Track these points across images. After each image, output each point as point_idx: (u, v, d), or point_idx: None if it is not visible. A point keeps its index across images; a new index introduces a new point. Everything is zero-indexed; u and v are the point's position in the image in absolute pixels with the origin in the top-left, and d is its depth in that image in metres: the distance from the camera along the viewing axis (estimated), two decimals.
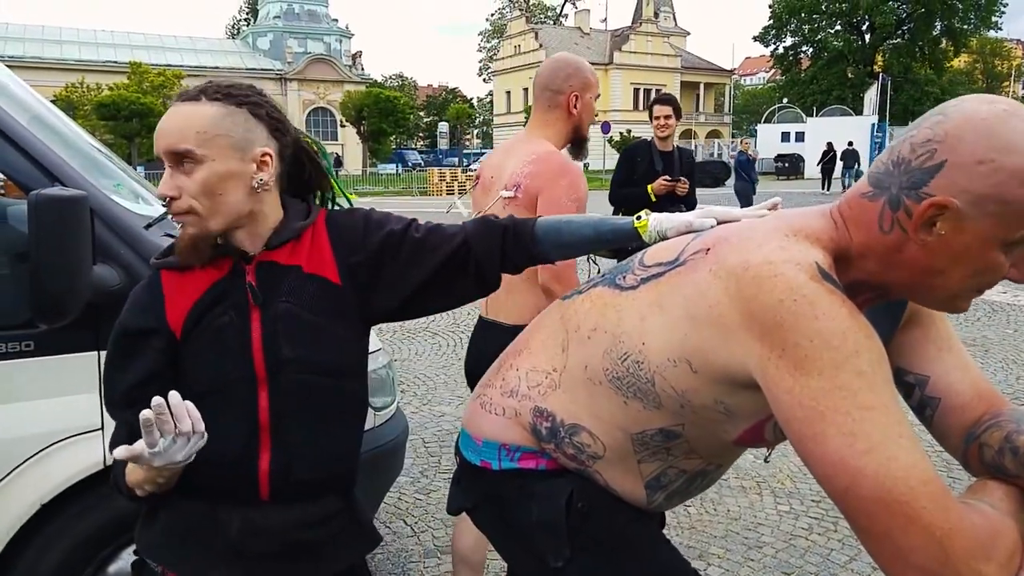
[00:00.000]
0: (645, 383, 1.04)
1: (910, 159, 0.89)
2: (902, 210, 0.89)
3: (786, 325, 0.86)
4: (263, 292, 1.17)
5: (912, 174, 0.88)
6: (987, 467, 1.01)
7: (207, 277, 1.17)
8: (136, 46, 44.66)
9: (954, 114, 0.88)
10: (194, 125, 1.11)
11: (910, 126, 0.93)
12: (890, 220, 0.91)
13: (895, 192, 0.90)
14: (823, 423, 0.83)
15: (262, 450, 1.17)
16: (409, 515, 3.14)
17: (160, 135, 1.12)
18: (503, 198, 2.07)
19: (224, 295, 1.16)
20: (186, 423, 1.03)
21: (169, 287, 1.18)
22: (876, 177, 0.93)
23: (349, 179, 31.37)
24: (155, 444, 1.02)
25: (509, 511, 1.21)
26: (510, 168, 2.10)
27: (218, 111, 1.12)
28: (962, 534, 0.80)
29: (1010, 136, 0.83)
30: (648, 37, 52.61)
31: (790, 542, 2.91)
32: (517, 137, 2.28)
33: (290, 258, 1.19)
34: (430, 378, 5.00)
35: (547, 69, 2.15)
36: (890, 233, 0.91)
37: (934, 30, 48.13)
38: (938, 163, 0.86)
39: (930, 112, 0.92)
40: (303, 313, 1.17)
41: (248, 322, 1.16)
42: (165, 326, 1.16)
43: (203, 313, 1.16)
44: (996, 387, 1.13)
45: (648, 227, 1.22)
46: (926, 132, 0.89)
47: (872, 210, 0.93)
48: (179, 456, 1.05)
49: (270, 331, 1.16)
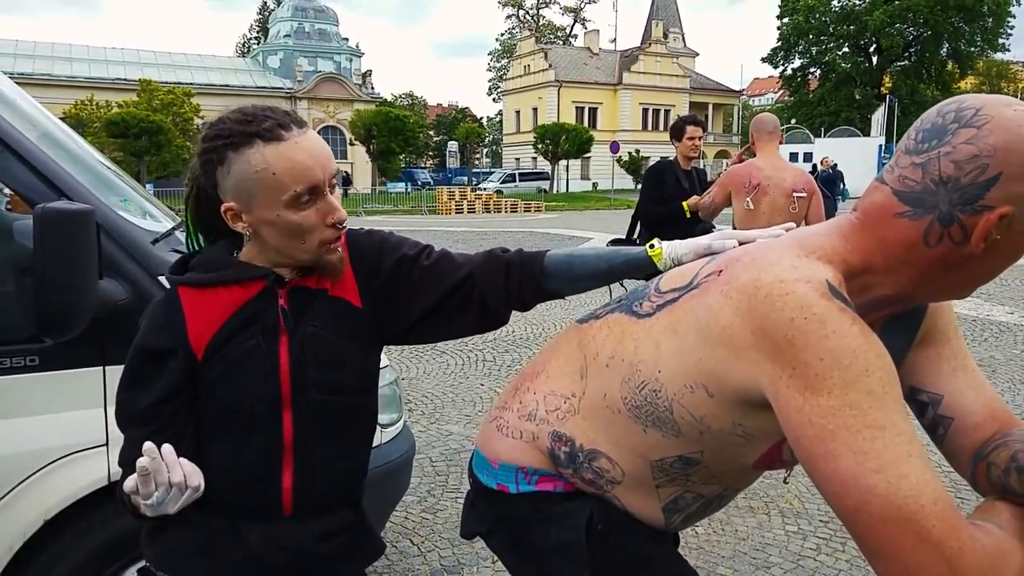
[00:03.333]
0: (663, 411, 1.04)
1: (958, 176, 0.89)
2: (955, 225, 0.90)
3: (797, 344, 0.86)
4: (293, 315, 1.17)
5: (964, 191, 0.89)
6: (994, 487, 1.00)
7: (232, 298, 1.16)
8: (146, 63, 44.82)
9: (989, 125, 0.88)
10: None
11: (919, 139, 0.93)
12: (939, 235, 0.91)
13: (946, 209, 0.90)
14: (834, 442, 0.83)
15: (285, 469, 1.18)
16: (416, 534, 3.11)
17: (319, 163, 1.11)
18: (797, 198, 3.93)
19: (253, 318, 1.15)
20: (178, 475, 1.02)
21: (190, 306, 1.16)
22: (912, 196, 0.92)
23: (359, 197, 31.57)
24: (150, 496, 1.02)
25: (527, 534, 1.20)
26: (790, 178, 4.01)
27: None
28: (972, 554, 0.79)
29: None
30: (657, 58, 52.91)
31: (798, 562, 2.89)
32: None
33: (318, 282, 1.20)
34: (438, 397, 4.98)
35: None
36: (936, 247, 0.92)
37: (941, 52, 48.58)
38: (992, 176, 0.87)
39: (946, 123, 0.91)
40: (328, 336, 1.18)
41: (276, 346, 1.16)
42: (186, 347, 1.15)
43: (230, 336, 1.15)
44: (1013, 409, 1.11)
45: (662, 255, 1.22)
46: (968, 149, 0.88)
47: (913, 228, 0.93)
48: (171, 508, 1.04)
49: (297, 354, 1.16)
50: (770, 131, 4.09)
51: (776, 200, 3.95)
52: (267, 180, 1.08)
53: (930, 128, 0.93)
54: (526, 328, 7.02)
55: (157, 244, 1.77)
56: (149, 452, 1.00)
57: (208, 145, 1.12)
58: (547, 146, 39.47)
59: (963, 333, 5.34)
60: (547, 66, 51.24)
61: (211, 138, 1.12)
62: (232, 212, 1.13)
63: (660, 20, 55.68)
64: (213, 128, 1.13)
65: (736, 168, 4.14)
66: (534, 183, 41.21)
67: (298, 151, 1.09)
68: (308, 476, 1.19)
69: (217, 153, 1.11)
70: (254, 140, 1.08)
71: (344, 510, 1.27)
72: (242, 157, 1.09)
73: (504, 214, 27.15)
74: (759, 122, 4.14)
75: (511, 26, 68.77)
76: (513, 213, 27.52)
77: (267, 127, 1.09)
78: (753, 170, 4.00)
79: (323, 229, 1.13)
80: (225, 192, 1.13)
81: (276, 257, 1.17)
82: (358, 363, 1.23)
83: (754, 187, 3.95)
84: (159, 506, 1.03)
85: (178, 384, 1.15)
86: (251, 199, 1.11)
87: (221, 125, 1.12)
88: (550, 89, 50.82)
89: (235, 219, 1.14)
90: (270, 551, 1.19)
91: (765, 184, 3.95)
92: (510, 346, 6.35)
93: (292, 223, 1.11)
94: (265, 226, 1.13)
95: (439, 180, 47.02)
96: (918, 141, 0.93)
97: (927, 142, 0.92)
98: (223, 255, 1.21)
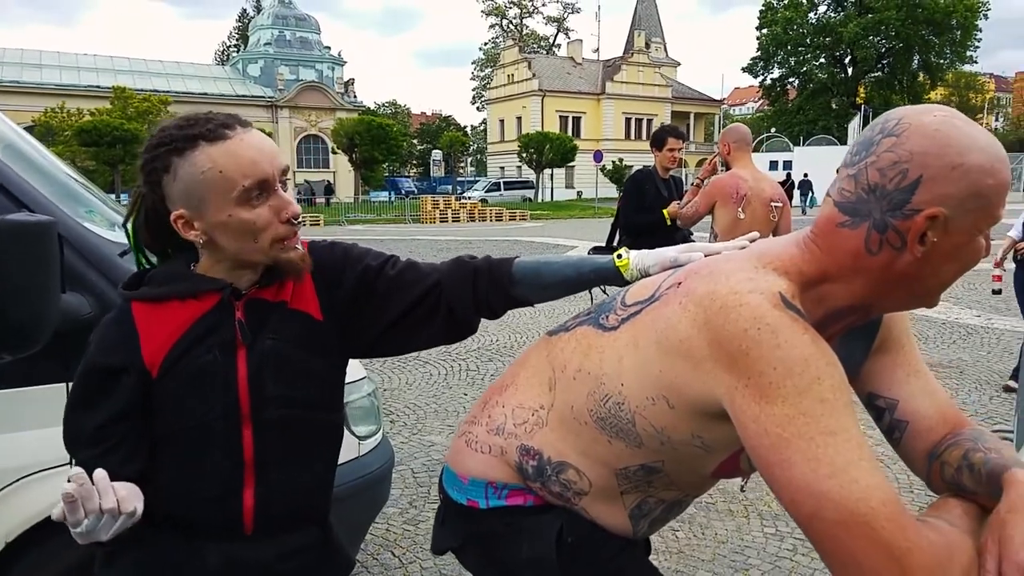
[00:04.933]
0: (627, 423, 1.06)
1: (883, 184, 0.92)
2: (890, 230, 0.93)
3: (752, 354, 0.88)
4: (251, 329, 1.14)
5: (891, 196, 0.92)
6: (948, 484, 1.03)
7: (188, 312, 1.13)
8: (120, 70, 44.06)
9: (907, 133, 0.92)
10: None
11: (854, 151, 0.97)
12: (878, 242, 0.94)
13: (879, 216, 0.93)
14: (788, 449, 0.85)
15: (246, 486, 1.15)
16: (397, 546, 3.09)
17: (270, 156, 1.09)
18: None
19: (210, 332, 1.12)
20: (109, 500, 0.97)
21: (143, 322, 1.13)
22: (850, 206, 0.96)
23: (341, 206, 31.45)
24: (79, 524, 0.96)
25: (498, 549, 1.20)
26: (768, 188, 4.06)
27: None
28: (920, 552, 0.81)
29: (962, 138, 0.90)
30: (639, 67, 53.29)
31: (775, 563, 2.93)
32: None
33: (276, 294, 1.17)
34: (420, 407, 4.96)
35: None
36: (879, 254, 0.95)
37: (912, 64, 49.96)
38: (914, 180, 0.90)
39: (873, 135, 0.96)
40: (288, 350, 1.15)
41: (234, 360, 1.13)
42: (139, 364, 1.11)
43: (186, 351, 1.11)
44: (971, 407, 1.15)
45: (629, 265, 1.23)
46: (889, 156, 0.92)
47: (855, 237, 0.96)
48: (104, 536, 0.99)
49: (255, 369, 1.13)
50: (748, 141, 4.20)
51: (757, 210, 4.02)
52: (215, 179, 1.06)
53: (862, 141, 0.97)
54: (510, 337, 7.00)
55: (125, 256, 1.73)
56: (77, 478, 0.95)
57: (150, 155, 1.10)
58: (531, 155, 39.60)
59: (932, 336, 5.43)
60: (531, 75, 51.44)
61: (153, 147, 1.10)
62: (183, 220, 1.10)
63: (642, 30, 56.08)
64: (154, 138, 1.11)
65: (722, 179, 4.17)
66: (519, 192, 41.28)
67: (244, 147, 1.07)
68: (269, 494, 1.16)
69: (161, 161, 1.09)
70: (198, 142, 1.06)
71: (309, 527, 1.24)
72: (187, 161, 1.07)
73: (489, 223, 27.18)
74: (736, 132, 4.19)
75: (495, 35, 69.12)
76: (498, 222, 27.56)
77: (210, 128, 1.07)
78: (738, 180, 4.05)
79: (277, 226, 1.10)
80: (173, 201, 1.10)
81: (232, 268, 1.14)
82: (320, 377, 1.20)
83: (741, 197, 4.01)
84: (89, 534, 0.98)
85: (130, 403, 1.11)
86: (201, 202, 1.08)
87: (162, 133, 1.10)
88: (534, 98, 51.00)
89: (187, 227, 1.11)
90: (231, 572, 1.16)
91: (749, 194, 4.01)
92: (493, 355, 6.33)
93: (245, 221, 1.08)
94: (218, 230, 1.10)
95: (423, 189, 46.96)
96: (852, 154, 0.97)
97: (858, 154, 0.96)
98: (179, 268, 1.18)
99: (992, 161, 0.90)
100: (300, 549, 1.22)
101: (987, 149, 0.90)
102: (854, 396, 1.01)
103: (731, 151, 4.16)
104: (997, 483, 0.91)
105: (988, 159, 0.90)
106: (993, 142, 0.92)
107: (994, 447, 1.00)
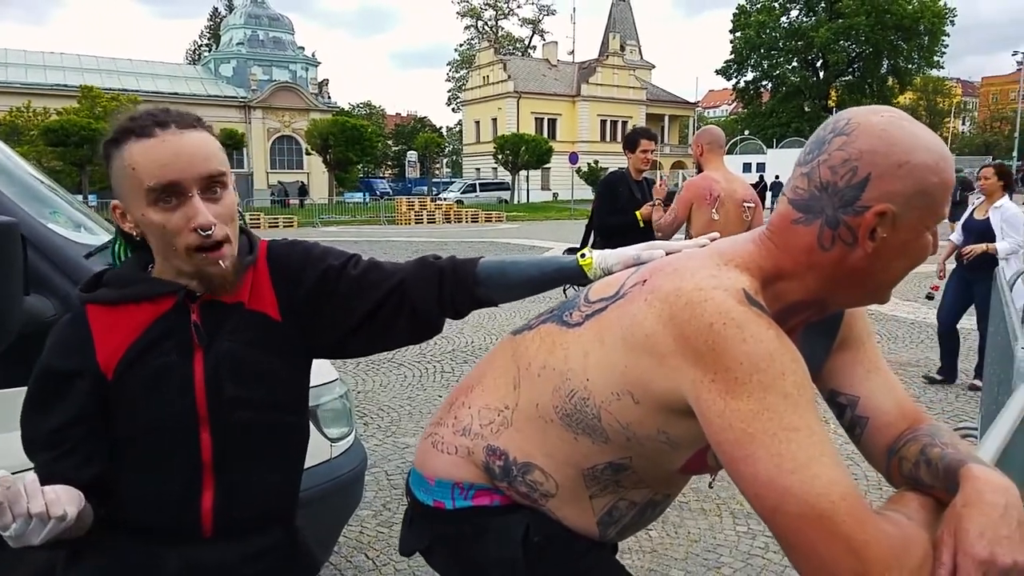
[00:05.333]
0: (592, 419, 1.06)
1: (835, 181, 0.95)
2: (842, 227, 0.96)
3: (717, 349, 0.89)
4: (207, 331, 1.12)
5: (842, 193, 0.95)
6: (906, 479, 1.05)
7: (143, 315, 1.12)
8: (88, 69, 43.11)
9: (856, 132, 0.95)
10: (215, 147, 1.08)
11: (807, 150, 1.00)
12: (830, 238, 0.97)
13: (831, 213, 0.96)
14: (753, 445, 0.86)
15: (205, 488, 1.14)
16: (371, 548, 3.08)
17: (188, 160, 1.05)
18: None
19: (166, 335, 1.11)
20: (37, 505, 0.94)
21: (97, 325, 1.12)
22: (803, 203, 0.99)
23: (315, 208, 31.18)
24: (7, 527, 0.94)
25: (465, 550, 1.20)
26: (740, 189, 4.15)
27: (211, 137, 1.10)
28: (877, 545, 0.83)
29: (908, 138, 0.94)
30: (614, 70, 53.56)
31: (748, 561, 2.97)
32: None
33: (234, 295, 1.15)
34: (394, 410, 4.94)
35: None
36: (831, 249, 0.97)
37: (882, 68, 51.00)
38: (863, 178, 0.94)
39: (825, 134, 0.99)
40: (245, 351, 1.14)
41: (191, 362, 1.12)
42: (94, 368, 1.10)
43: (140, 354, 1.10)
44: (937, 405, 1.18)
45: (593, 264, 1.24)
46: (840, 154, 0.95)
47: (808, 233, 0.98)
48: (35, 540, 0.96)
49: (212, 371, 1.12)
50: (721, 143, 4.27)
51: (730, 211, 4.09)
52: (129, 175, 1.06)
53: (814, 140, 1.00)
54: (485, 339, 7.00)
55: (91, 258, 1.71)
56: (3, 481, 0.92)
57: (102, 148, 1.11)
58: (507, 156, 39.61)
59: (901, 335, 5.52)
60: (506, 77, 51.47)
61: (105, 140, 1.10)
62: (119, 211, 1.11)
63: (617, 33, 56.38)
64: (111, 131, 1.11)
65: (695, 181, 4.23)
66: (494, 193, 41.27)
67: (162, 148, 1.05)
68: (229, 497, 1.15)
69: (106, 150, 1.10)
70: (129, 136, 1.06)
71: (271, 529, 1.23)
72: (117, 153, 1.07)
73: (464, 224, 27.14)
74: (709, 134, 4.25)
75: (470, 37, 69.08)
76: (474, 223, 27.53)
77: (143, 124, 1.06)
78: (711, 182, 4.12)
79: (188, 234, 1.07)
80: (115, 191, 1.11)
81: (177, 272, 1.12)
82: (281, 379, 1.19)
83: (715, 198, 4.07)
84: (20, 538, 0.95)
85: (84, 407, 1.10)
86: (123, 197, 1.09)
87: (115, 123, 1.10)
88: (509, 100, 51.06)
89: (122, 218, 1.12)
90: (189, 574, 1.14)
91: (722, 195, 4.07)
92: (468, 357, 6.33)
93: (155, 224, 1.07)
94: (142, 227, 1.10)
95: (398, 190, 46.70)
96: (805, 152, 1.00)
97: (811, 152, 0.99)
98: (134, 271, 1.17)
99: (937, 160, 0.93)
100: (262, 552, 1.21)
101: (932, 149, 0.94)
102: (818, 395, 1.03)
103: (704, 153, 4.22)
104: (954, 478, 0.93)
105: (933, 158, 0.93)
106: (938, 142, 0.95)
107: (950, 443, 1.02)
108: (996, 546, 0.83)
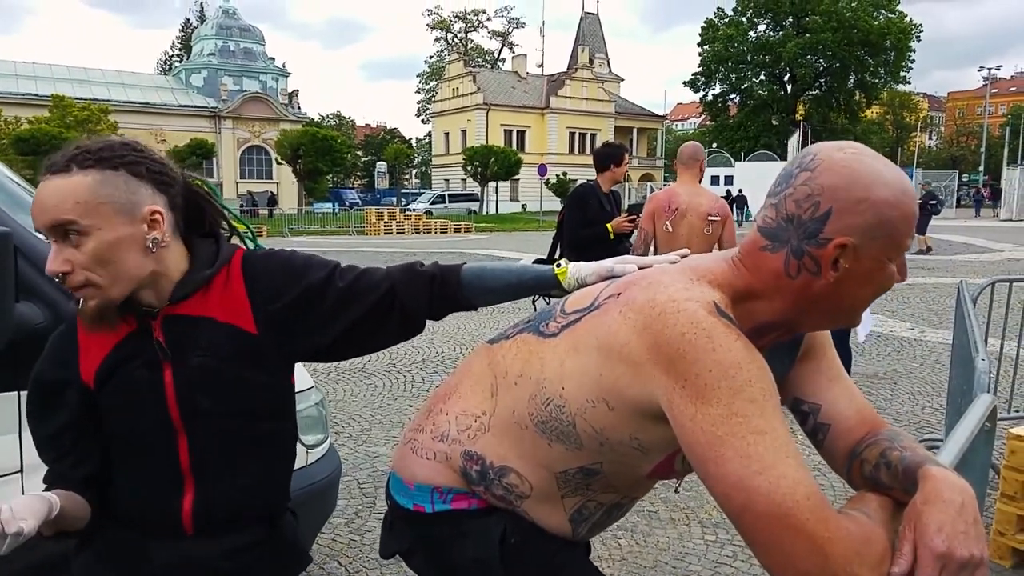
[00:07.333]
0: (567, 426, 1.11)
1: (799, 214, 1.01)
2: (806, 256, 1.01)
3: (688, 357, 0.94)
4: (175, 345, 1.16)
5: (805, 226, 1.00)
6: (866, 481, 1.11)
7: (120, 328, 1.17)
8: (59, 78, 42.67)
9: (819, 168, 1.01)
10: (71, 196, 1.05)
11: (777, 183, 1.06)
12: (796, 267, 1.02)
13: (796, 243, 1.01)
14: (722, 447, 0.91)
15: (185, 491, 1.19)
16: (343, 555, 3.09)
17: (38, 211, 1.07)
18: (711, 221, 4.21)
19: (136, 349, 1.16)
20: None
21: (84, 337, 1.18)
22: (771, 232, 1.05)
23: (284, 218, 30.90)
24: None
25: (444, 551, 1.23)
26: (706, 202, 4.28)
27: (94, 179, 1.06)
28: (839, 541, 0.89)
29: (869, 174, 0.98)
30: (583, 83, 54.00)
31: (716, 570, 3.00)
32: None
33: (201, 308, 1.17)
34: (365, 419, 4.95)
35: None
36: (797, 278, 1.03)
37: (848, 83, 51.58)
38: (825, 212, 0.99)
39: (792, 168, 1.05)
40: (218, 365, 1.16)
41: (161, 376, 1.16)
42: (78, 378, 1.16)
43: (116, 366, 1.16)
44: (904, 417, 1.24)
45: (568, 274, 1.29)
46: (804, 189, 1.01)
47: (775, 260, 1.04)
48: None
49: (184, 385, 1.16)
50: (687, 159, 4.41)
51: (693, 223, 4.23)
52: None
53: (783, 173, 1.06)
54: (454, 349, 7.04)
55: None
56: None
57: None
58: (476, 168, 39.69)
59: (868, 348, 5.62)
60: (475, 89, 51.61)
61: None
62: None
63: (586, 46, 56.91)
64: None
65: (657, 194, 4.45)
66: (464, 204, 41.28)
67: (37, 191, 1.09)
68: (209, 499, 1.20)
69: None
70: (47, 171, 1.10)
71: (255, 527, 1.27)
72: None
73: (434, 235, 27.11)
74: (683, 151, 4.48)
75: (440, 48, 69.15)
76: (443, 234, 27.51)
77: (54, 162, 1.09)
78: (672, 196, 4.31)
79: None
80: None
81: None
82: (260, 387, 1.21)
83: (673, 211, 4.23)
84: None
85: (75, 414, 1.17)
86: None
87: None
88: (479, 112, 51.19)
89: None
90: (173, 567, 1.20)
91: (684, 208, 4.23)
92: (438, 367, 6.35)
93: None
94: None
95: (368, 201, 46.51)
96: (775, 184, 1.06)
97: (780, 185, 1.05)
98: None
99: (896, 194, 0.98)
100: (244, 548, 1.25)
101: (892, 184, 0.98)
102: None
103: (677, 167, 4.47)
104: (913, 478, 1.00)
105: (893, 193, 0.98)
106: (899, 177, 1.00)
107: (909, 446, 1.08)
108: (953, 540, 0.90)
